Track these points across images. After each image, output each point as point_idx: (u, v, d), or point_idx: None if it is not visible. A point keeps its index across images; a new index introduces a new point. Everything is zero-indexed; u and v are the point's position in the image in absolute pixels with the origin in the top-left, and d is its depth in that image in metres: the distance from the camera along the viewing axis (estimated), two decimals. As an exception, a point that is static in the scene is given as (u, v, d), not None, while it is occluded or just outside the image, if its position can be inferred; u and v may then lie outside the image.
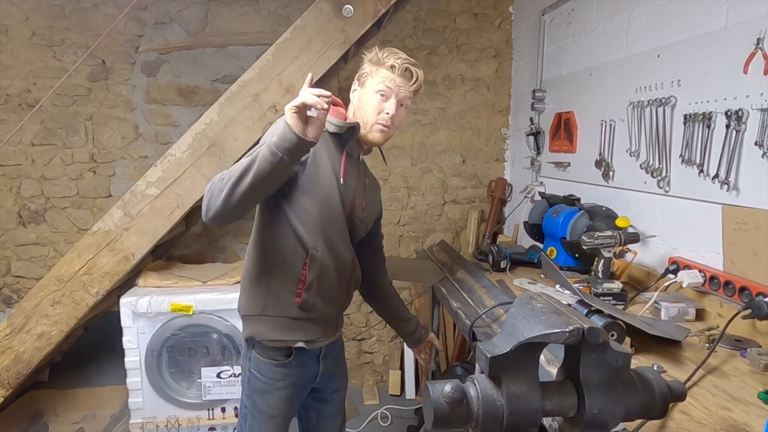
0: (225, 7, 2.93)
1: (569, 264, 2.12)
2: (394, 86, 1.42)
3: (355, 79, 1.52)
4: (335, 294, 1.49)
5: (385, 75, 1.42)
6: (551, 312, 0.79)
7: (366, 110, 1.44)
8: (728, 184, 1.57)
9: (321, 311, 1.45)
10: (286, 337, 1.43)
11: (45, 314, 2.29)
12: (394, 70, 1.41)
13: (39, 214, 2.91)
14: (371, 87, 1.44)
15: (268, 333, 1.42)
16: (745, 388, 1.15)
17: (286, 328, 1.42)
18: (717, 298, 1.59)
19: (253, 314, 1.44)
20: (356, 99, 1.50)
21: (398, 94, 1.43)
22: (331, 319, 1.53)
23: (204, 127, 2.29)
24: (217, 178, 1.23)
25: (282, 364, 1.45)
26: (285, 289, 1.40)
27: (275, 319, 1.42)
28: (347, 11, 2.22)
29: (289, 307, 1.41)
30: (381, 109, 1.43)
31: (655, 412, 0.82)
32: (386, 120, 1.43)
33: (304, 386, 1.55)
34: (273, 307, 1.41)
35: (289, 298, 1.40)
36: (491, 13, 3.24)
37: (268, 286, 1.41)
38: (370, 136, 1.46)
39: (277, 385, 1.46)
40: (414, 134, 3.28)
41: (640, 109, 1.98)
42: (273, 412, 1.48)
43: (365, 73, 1.46)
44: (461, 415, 0.74)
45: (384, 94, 1.42)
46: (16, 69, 2.78)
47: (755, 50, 1.47)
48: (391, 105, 1.43)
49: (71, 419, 2.64)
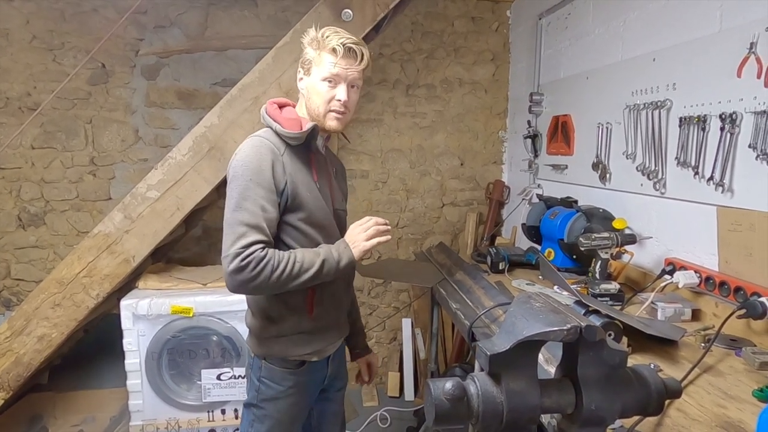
0: (224, 11, 2.95)
1: (567, 265, 2.14)
2: (341, 70, 1.35)
3: (299, 66, 1.43)
4: (339, 295, 1.50)
5: (330, 60, 1.34)
6: (549, 311, 0.81)
7: (316, 100, 1.38)
8: (723, 185, 1.59)
9: (331, 317, 1.47)
10: (303, 351, 1.43)
11: (45, 317, 2.29)
12: (337, 53, 1.33)
13: (39, 217, 2.92)
14: (317, 75, 1.37)
15: (285, 351, 1.42)
16: (740, 386, 1.17)
17: (303, 343, 1.43)
18: (712, 298, 1.61)
19: (269, 336, 1.43)
20: (304, 89, 1.42)
21: (347, 77, 1.36)
22: (341, 320, 1.55)
23: (204, 130, 2.30)
24: (268, 260, 1.24)
25: (295, 372, 1.45)
26: (296, 307, 1.40)
27: (292, 337, 1.42)
28: (346, 15, 2.24)
29: (303, 323, 1.41)
30: (331, 97, 1.36)
31: (651, 408, 0.83)
32: (339, 107, 1.37)
33: (315, 390, 1.56)
34: (289, 326, 1.41)
35: (301, 314, 1.41)
36: (489, 17, 3.26)
37: (278, 308, 1.41)
38: (327, 124, 1.40)
39: (290, 392, 1.45)
40: (412, 137, 3.30)
41: (636, 112, 2.00)
42: (283, 417, 1.48)
43: (308, 59, 1.39)
44: (462, 412, 0.76)
45: (332, 81, 1.36)
46: (17, 72, 2.79)
47: (748, 54, 1.49)
48: (342, 91, 1.36)
49: (71, 422, 2.64)
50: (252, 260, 1.22)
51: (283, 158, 1.34)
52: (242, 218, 1.25)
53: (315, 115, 1.40)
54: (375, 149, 3.26)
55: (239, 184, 1.28)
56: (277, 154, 1.33)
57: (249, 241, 1.23)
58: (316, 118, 1.41)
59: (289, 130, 1.35)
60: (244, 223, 1.24)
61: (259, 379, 1.45)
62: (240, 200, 1.27)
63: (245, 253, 1.22)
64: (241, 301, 2.28)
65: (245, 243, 1.22)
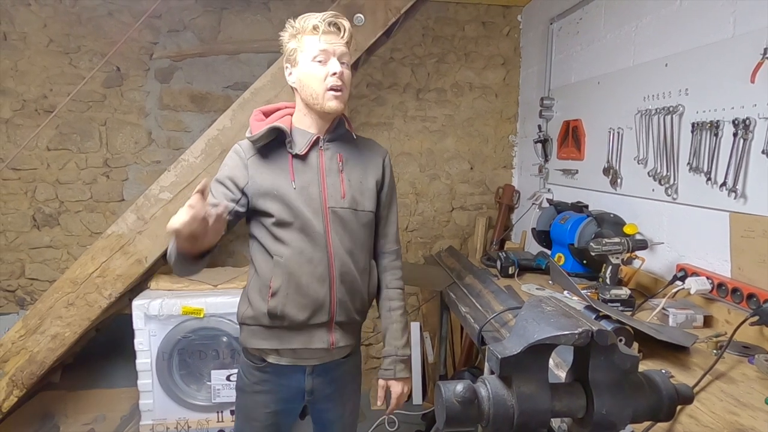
0: (237, 15, 2.98)
1: (577, 270, 2.13)
2: (327, 45, 1.33)
3: (285, 64, 1.43)
4: (307, 293, 1.39)
5: (313, 40, 1.34)
6: (561, 315, 0.81)
7: (311, 83, 1.35)
8: (736, 191, 1.58)
9: (292, 315, 1.39)
10: (260, 344, 1.45)
11: (59, 316, 2.33)
12: (318, 30, 1.33)
13: (53, 218, 2.96)
14: (305, 59, 1.35)
15: (246, 339, 1.48)
16: (753, 394, 1.16)
17: (259, 335, 1.45)
18: (724, 305, 1.59)
19: (241, 320, 1.49)
20: (296, 81, 1.40)
21: (335, 52, 1.34)
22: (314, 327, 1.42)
23: (217, 133, 2.32)
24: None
25: (258, 368, 1.47)
26: (261, 295, 1.42)
27: (252, 327, 1.46)
28: (358, 20, 2.26)
29: (262, 314, 1.42)
30: (325, 74, 1.33)
31: (662, 414, 0.83)
32: (336, 81, 1.34)
33: (287, 399, 1.49)
34: (250, 314, 1.44)
35: (261, 304, 1.41)
36: (500, 21, 3.27)
37: (251, 293, 1.46)
38: (326, 106, 1.36)
39: (255, 388, 1.48)
40: (422, 141, 3.31)
41: (647, 118, 1.99)
42: (251, 414, 1.50)
43: (291, 50, 1.38)
44: (472, 414, 0.76)
45: (321, 59, 1.34)
46: (33, 75, 2.84)
47: (762, 60, 1.48)
48: (334, 64, 1.34)
49: (82, 420, 2.67)
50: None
51: (248, 161, 1.41)
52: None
53: (313, 102, 1.37)
54: (385, 153, 3.27)
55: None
56: (243, 157, 1.42)
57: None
58: (314, 106, 1.38)
59: (249, 134, 1.43)
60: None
61: (239, 369, 1.55)
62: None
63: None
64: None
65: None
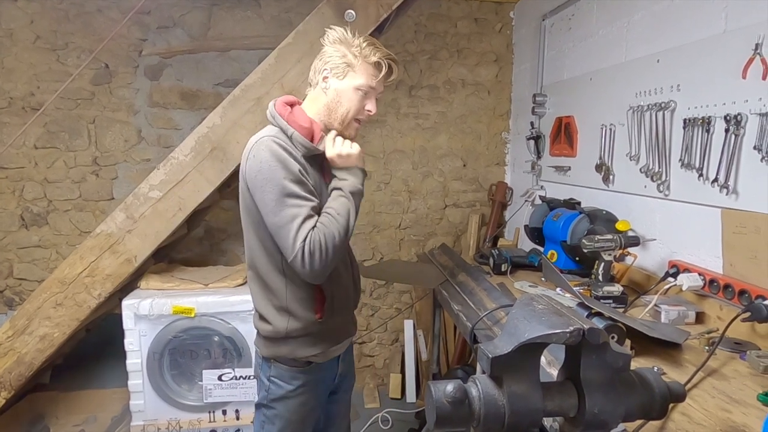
0: (227, 11, 2.95)
1: (570, 267, 2.13)
2: (378, 85, 1.38)
3: (324, 67, 1.38)
4: (350, 297, 1.51)
5: (371, 73, 1.36)
6: (552, 313, 0.80)
7: (346, 106, 1.38)
8: (727, 187, 1.58)
9: (339, 319, 1.47)
10: (311, 352, 1.42)
11: (47, 316, 2.30)
12: (380, 68, 1.36)
13: (41, 217, 2.92)
14: (352, 82, 1.36)
15: (292, 352, 1.41)
16: (745, 390, 1.15)
17: (310, 344, 1.42)
18: (716, 301, 1.60)
19: (277, 337, 1.41)
20: (330, 90, 1.38)
21: (377, 89, 1.40)
22: (349, 321, 1.55)
23: (207, 131, 2.30)
24: (324, 235, 1.25)
25: (304, 371, 1.44)
26: (305, 310, 1.39)
27: (299, 339, 1.41)
28: (349, 16, 2.24)
29: (311, 326, 1.40)
30: (362, 107, 1.38)
31: (654, 412, 0.82)
32: (366, 118, 1.41)
33: (326, 389, 1.55)
34: (296, 329, 1.39)
35: (309, 317, 1.39)
36: (492, 18, 3.26)
37: (287, 311, 1.38)
38: (346, 132, 1.41)
39: (299, 391, 1.44)
40: (415, 138, 3.29)
41: (640, 114, 1.99)
42: (293, 417, 1.47)
43: (345, 63, 1.35)
44: (463, 414, 0.75)
45: (367, 93, 1.38)
46: (20, 72, 2.80)
47: (754, 55, 1.48)
48: (374, 104, 1.39)
49: (72, 421, 2.64)
50: (314, 247, 1.23)
51: (301, 160, 1.32)
52: (291, 214, 1.24)
53: (338, 120, 1.39)
54: (378, 150, 3.26)
55: (275, 185, 1.25)
56: (296, 156, 1.30)
57: (305, 234, 1.23)
58: (333, 123, 1.40)
59: (305, 137, 1.34)
60: (294, 218, 1.24)
61: (269, 379, 1.45)
62: (281, 199, 1.24)
63: (306, 245, 1.22)
64: (242, 302, 2.31)
65: (303, 237, 1.23)
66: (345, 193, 1.34)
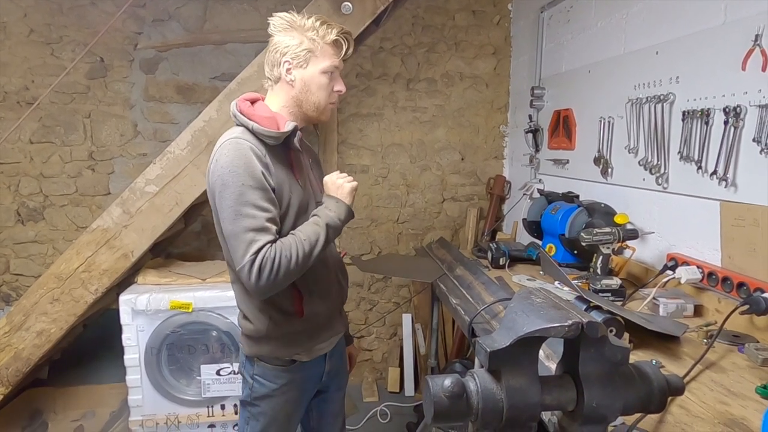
0: (223, 4, 2.92)
1: (568, 260, 2.13)
2: (340, 62, 1.37)
3: (283, 59, 1.33)
4: (331, 292, 1.48)
5: (332, 52, 1.34)
6: (550, 306, 0.79)
7: (318, 93, 1.36)
8: (726, 180, 1.57)
9: (322, 316, 1.44)
10: (293, 351, 1.42)
11: (44, 312, 2.29)
12: (338, 45, 1.35)
13: (38, 212, 2.91)
14: (317, 67, 1.33)
15: (275, 351, 1.40)
16: (743, 383, 1.15)
17: (292, 344, 1.41)
18: (715, 294, 1.59)
19: (259, 337, 1.40)
20: (296, 80, 1.34)
21: (340, 67, 1.39)
22: (334, 318, 1.51)
23: (203, 125, 2.28)
24: (280, 253, 1.21)
25: (287, 369, 1.43)
26: (286, 310, 1.38)
27: (282, 339, 1.40)
28: (346, 8, 2.22)
29: (293, 325, 1.39)
30: (331, 89, 1.38)
31: (653, 406, 0.82)
32: (337, 99, 1.41)
33: (312, 386, 1.54)
34: (278, 329, 1.38)
35: (291, 317, 1.38)
36: (490, 10, 3.24)
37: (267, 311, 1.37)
38: (323, 116, 1.41)
39: (284, 389, 1.44)
40: (413, 132, 3.28)
41: (638, 106, 1.98)
42: (278, 414, 1.46)
43: (305, 50, 1.32)
44: (461, 409, 0.75)
45: (332, 73, 1.36)
46: (14, 66, 2.77)
47: (753, 47, 1.47)
48: (341, 82, 1.39)
49: (70, 417, 2.64)
50: (266, 262, 1.19)
51: (266, 159, 1.27)
52: (246, 225, 1.21)
53: (311, 108, 1.37)
54: (375, 144, 3.24)
55: (233, 191, 1.22)
56: (260, 155, 1.26)
57: (258, 246, 1.19)
58: (308, 113, 1.38)
59: (268, 128, 1.28)
60: (249, 229, 1.20)
61: (252, 377, 1.44)
62: (238, 207, 1.21)
63: (257, 259, 1.19)
64: (240, 297, 2.29)
65: (255, 249, 1.19)
66: (321, 223, 1.30)
